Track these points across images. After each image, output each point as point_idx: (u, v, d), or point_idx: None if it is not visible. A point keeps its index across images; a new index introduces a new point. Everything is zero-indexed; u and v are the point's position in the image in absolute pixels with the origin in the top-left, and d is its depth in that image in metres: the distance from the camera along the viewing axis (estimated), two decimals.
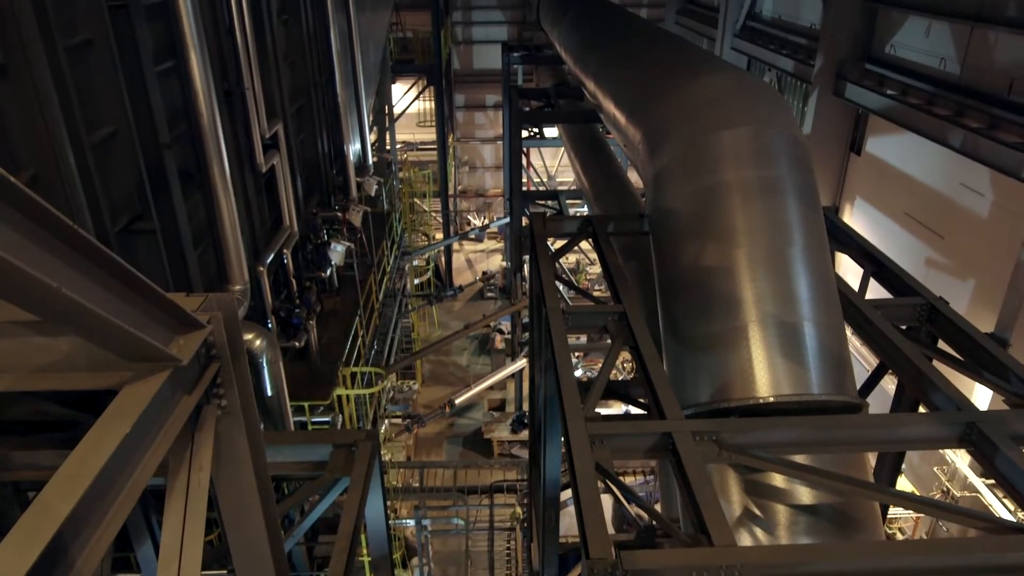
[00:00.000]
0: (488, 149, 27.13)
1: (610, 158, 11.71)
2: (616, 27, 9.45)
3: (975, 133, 9.04)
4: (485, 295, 24.27)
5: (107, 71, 5.07)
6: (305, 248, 9.80)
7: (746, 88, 4.95)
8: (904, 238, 11.40)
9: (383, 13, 15.59)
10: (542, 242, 5.56)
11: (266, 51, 8.29)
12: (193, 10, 5.35)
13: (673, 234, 4.50)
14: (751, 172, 4.35)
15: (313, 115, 10.49)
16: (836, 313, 4.07)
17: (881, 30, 12.03)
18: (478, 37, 25.01)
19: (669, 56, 6.30)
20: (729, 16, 17.85)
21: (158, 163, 5.66)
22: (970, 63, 9.80)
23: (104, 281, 1.88)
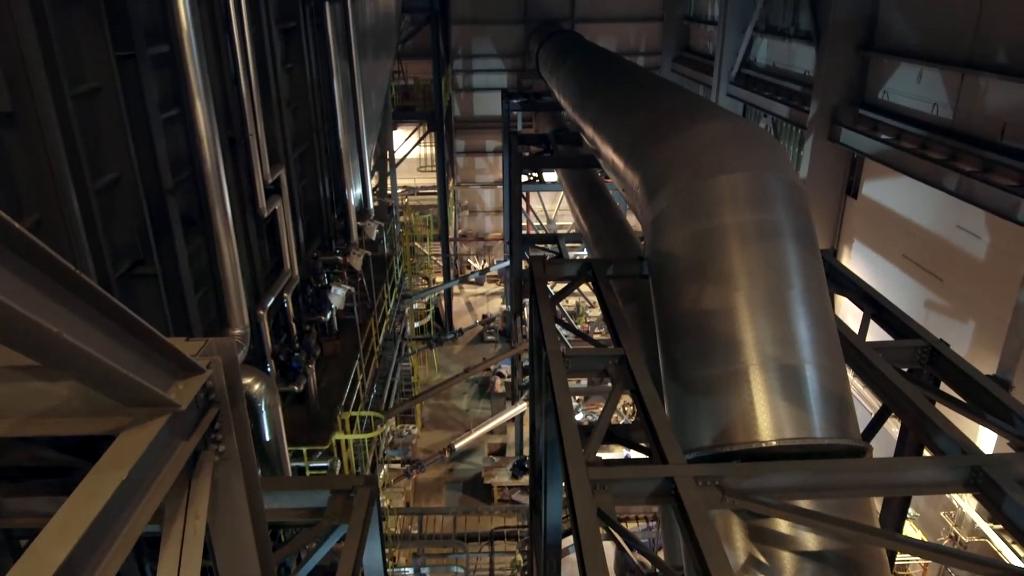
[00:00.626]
0: (488, 193, 27.38)
1: (609, 202, 11.81)
2: (614, 74, 9.64)
3: (969, 176, 9.15)
4: (485, 338, 24.22)
5: (113, 118, 5.15)
6: (306, 292, 9.82)
7: (742, 133, 5.03)
8: (903, 280, 11.43)
9: (385, 61, 15.92)
10: (542, 285, 5.58)
11: (270, 98, 8.44)
12: (199, 59, 5.46)
13: (672, 277, 4.52)
14: (749, 216, 4.39)
15: (315, 160, 10.62)
16: (837, 355, 4.06)
17: (874, 77, 12.26)
18: (478, 84, 25.47)
19: (666, 102, 6.41)
20: (724, 64, 18.21)
21: (161, 208, 5.71)
22: (962, 108, 9.97)
23: (105, 326, 1.88)
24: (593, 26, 23.85)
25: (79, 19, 4.83)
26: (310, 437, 8.31)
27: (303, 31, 9.81)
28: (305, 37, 9.91)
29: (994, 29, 9.42)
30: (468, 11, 24.24)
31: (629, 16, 24.47)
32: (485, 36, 24.75)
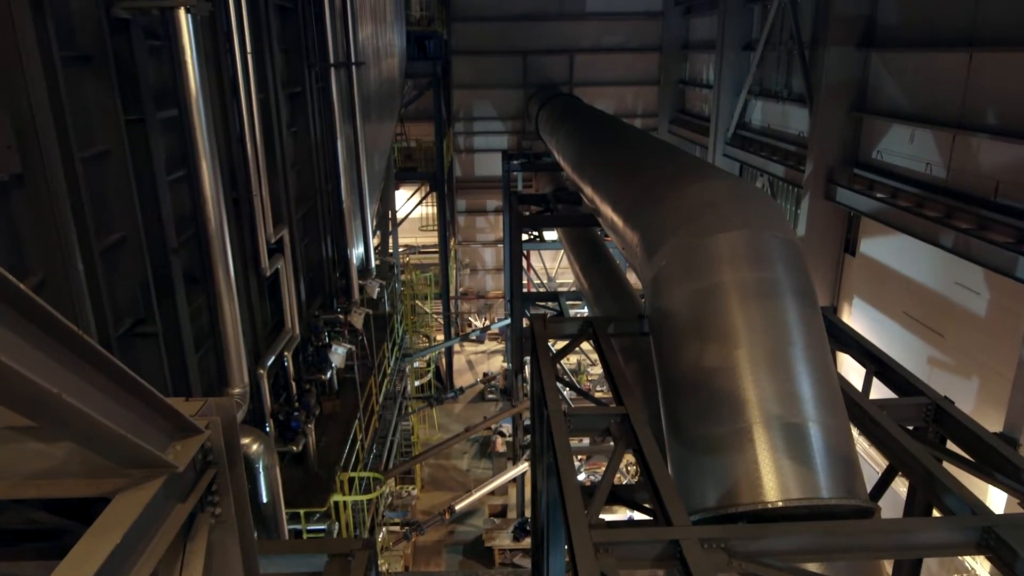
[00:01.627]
0: (489, 252, 27.58)
1: (609, 260, 11.89)
2: (612, 135, 9.83)
3: (966, 234, 9.23)
4: (486, 397, 24.02)
5: (121, 180, 5.24)
6: (306, 350, 9.80)
7: (739, 192, 5.10)
8: (905, 337, 11.40)
9: (388, 124, 16.27)
10: (543, 343, 5.57)
11: (275, 159, 8.60)
12: (206, 123, 5.58)
13: (673, 335, 4.52)
14: (748, 274, 4.42)
15: (318, 220, 10.75)
16: (841, 413, 4.03)
17: (867, 137, 12.50)
18: (479, 146, 25.97)
19: (664, 162, 6.53)
20: (720, 125, 18.59)
21: (164, 267, 5.76)
22: (955, 167, 10.13)
23: (104, 386, 1.88)
24: (591, 89, 24.47)
25: (91, 83, 4.97)
26: (308, 499, 8.16)
27: (308, 95, 10.07)
28: (310, 101, 10.16)
29: (982, 91, 9.65)
30: (469, 76, 24.90)
31: (626, 80, 25.13)
32: (486, 99, 25.36)
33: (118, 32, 5.15)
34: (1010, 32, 9.13)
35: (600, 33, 24.65)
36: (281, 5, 9.10)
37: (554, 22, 24.43)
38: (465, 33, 24.40)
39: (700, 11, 22.53)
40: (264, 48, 8.24)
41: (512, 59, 24.76)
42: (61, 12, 4.62)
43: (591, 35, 24.65)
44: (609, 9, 24.39)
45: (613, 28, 24.57)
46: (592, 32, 24.62)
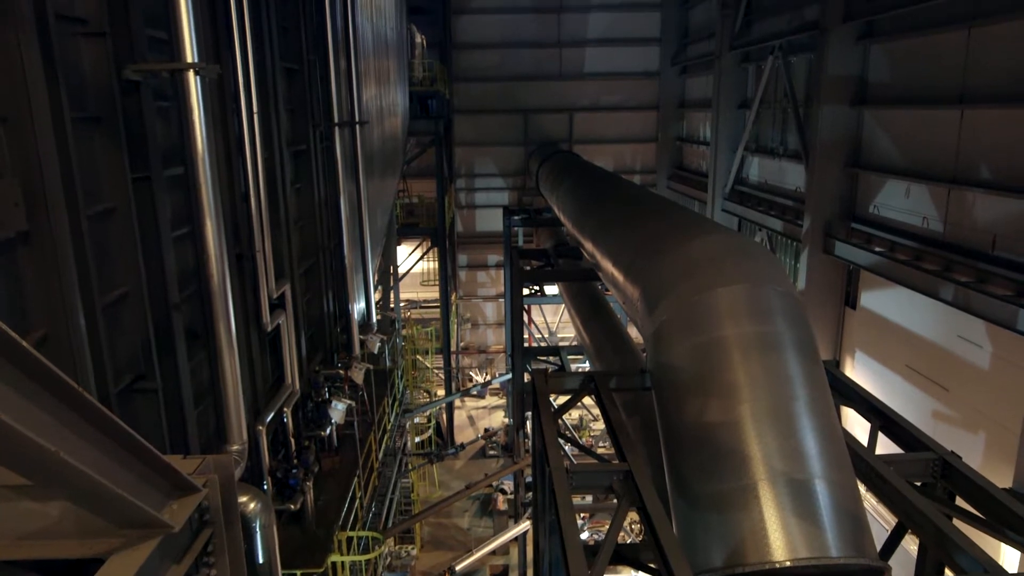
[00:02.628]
0: (490, 306, 27.62)
1: (610, 314, 11.90)
2: (611, 191, 9.96)
3: (965, 287, 9.25)
4: (487, 453, 23.71)
5: (126, 236, 5.29)
6: (306, 406, 9.72)
7: (739, 247, 5.15)
8: (908, 391, 11.32)
9: (391, 181, 16.51)
10: (544, 399, 5.53)
11: (278, 216, 8.69)
12: (212, 181, 5.67)
13: (675, 389, 4.49)
14: (749, 328, 4.42)
15: (320, 276, 10.80)
16: (847, 469, 3.97)
17: (863, 192, 12.66)
18: (480, 202, 26.29)
19: (663, 218, 6.60)
20: (718, 181, 18.85)
21: (166, 323, 5.76)
22: (951, 221, 10.23)
23: (103, 444, 1.86)
24: (590, 147, 24.91)
25: (99, 143, 5.07)
26: (305, 559, 7.97)
27: (313, 153, 10.24)
28: (314, 159, 10.33)
29: (974, 146, 9.82)
30: (471, 134, 25.39)
31: (625, 138, 25.60)
32: (487, 157, 25.79)
33: (128, 93, 5.27)
34: (1000, 89, 9.34)
35: (598, 92, 25.24)
36: (288, 67, 9.34)
37: (554, 82, 25.04)
38: (467, 93, 24.98)
39: (696, 71, 23.10)
40: (270, 108, 8.42)
41: (513, 117, 25.29)
42: (73, 75, 4.75)
43: (590, 94, 25.24)
44: (607, 70, 25.04)
45: (611, 88, 25.17)
46: (591, 92, 25.22)
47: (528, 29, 24.59)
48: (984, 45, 9.65)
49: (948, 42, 10.29)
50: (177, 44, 5.18)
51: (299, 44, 9.68)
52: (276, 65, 8.61)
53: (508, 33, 24.53)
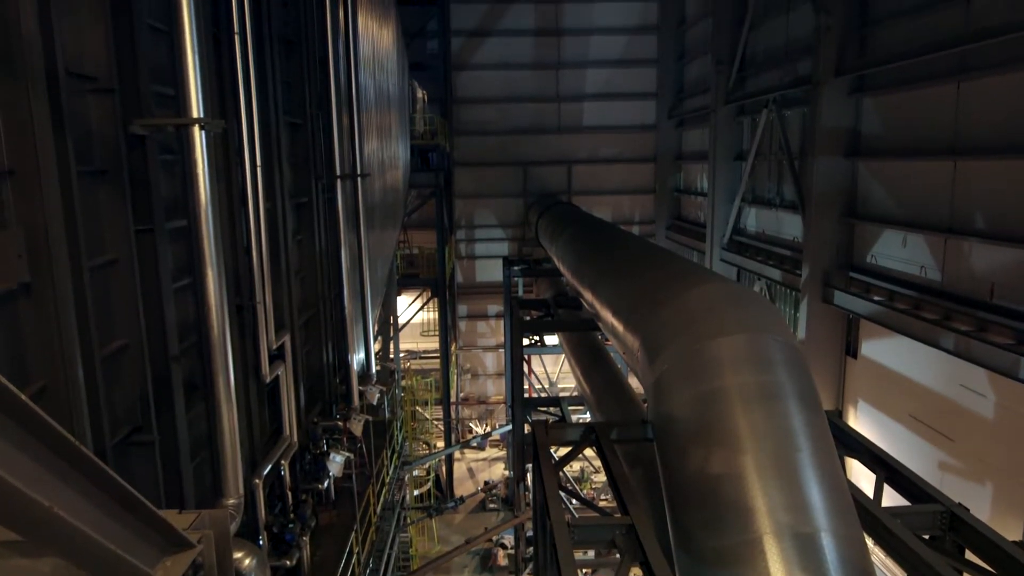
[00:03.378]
0: (490, 357, 27.53)
1: (610, 364, 11.85)
2: (610, 241, 10.04)
3: (966, 336, 9.24)
4: (487, 506, 23.30)
5: (126, 288, 5.31)
6: (303, 458, 9.60)
7: (738, 296, 5.16)
8: (913, 441, 11.20)
9: (392, 232, 16.65)
10: (545, 451, 5.47)
11: (279, 267, 8.73)
12: (214, 234, 5.72)
13: (677, 440, 4.45)
14: (750, 377, 4.40)
15: (320, 327, 10.79)
16: (854, 522, 3.90)
17: (860, 242, 12.75)
18: (480, 252, 26.45)
19: (662, 268, 6.64)
20: (716, 231, 19.01)
21: (164, 374, 5.74)
22: (949, 270, 10.27)
23: (98, 499, 1.84)
24: (589, 198, 25.20)
25: (104, 195, 5.12)
26: None
27: (315, 205, 10.35)
28: (316, 211, 10.44)
29: (969, 197, 9.93)
30: (471, 186, 25.72)
31: (623, 189, 25.93)
32: (487, 208, 26.06)
33: (134, 147, 5.36)
34: (991, 141, 9.50)
35: (597, 145, 25.67)
36: (291, 121, 9.51)
37: (553, 135, 25.48)
38: (467, 146, 25.40)
39: (692, 124, 23.52)
40: (273, 161, 8.55)
41: (512, 170, 25.64)
42: (81, 129, 4.84)
43: (588, 147, 25.66)
44: (605, 123, 25.51)
45: (609, 141, 25.61)
46: (589, 144, 25.64)
47: (527, 84, 25.14)
48: (973, 98, 9.85)
49: (938, 95, 10.51)
50: (183, 100, 5.29)
51: (303, 99, 9.89)
52: (280, 119, 8.77)
53: (507, 88, 25.07)
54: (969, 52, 9.70)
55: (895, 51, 11.35)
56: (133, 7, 5.20)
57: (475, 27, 24.85)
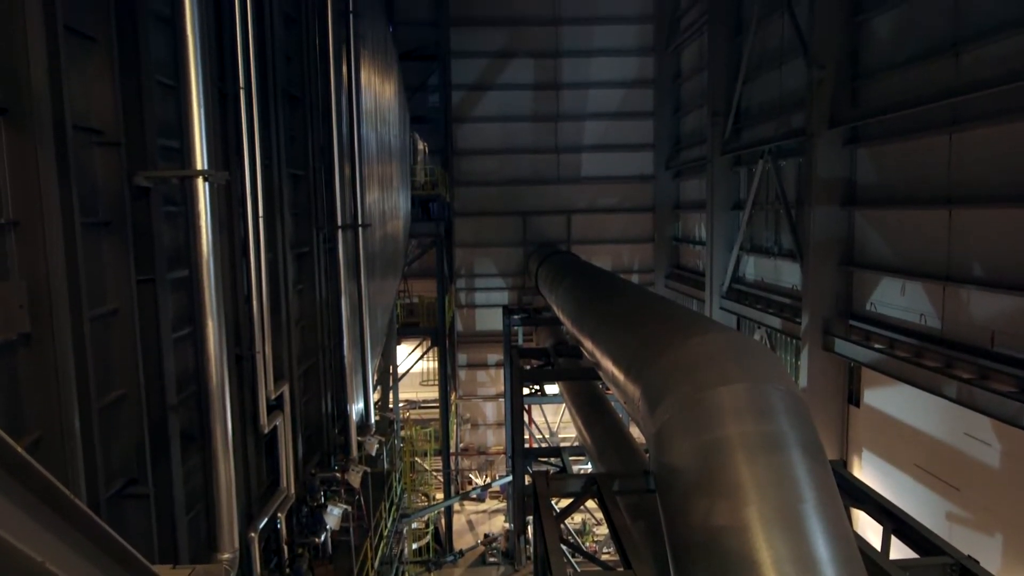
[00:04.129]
0: (490, 406, 27.32)
1: (611, 414, 11.76)
2: (610, 290, 10.06)
3: (968, 384, 9.19)
4: (487, 560, 22.78)
5: (126, 338, 5.31)
6: (300, 511, 9.43)
7: (738, 345, 5.16)
8: (919, 491, 11.03)
9: (392, 281, 16.71)
10: (546, 502, 5.39)
11: (280, 317, 8.74)
12: (215, 283, 5.74)
13: (680, 491, 4.39)
14: (752, 427, 4.37)
15: (319, 376, 10.74)
16: (861, 575, 3.83)
17: (859, 289, 12.79)
18: (480, 301, 26.50)
19: (662, 316, 6.64)
20: (715, 280, 19.08)
21: (161, 425, 5.69)
22: (949, 317, 10.28)
23: (91, 553, 1.81)
24: (588, 247, 25.37)
25: (107, 246, 5.16)
26: None
27: (316, 255, 10.42)
28: (317, 261, 10.50)
29: (964, 244, 10.00)
30: (471, 236, 25.92)
31: (622, 238, 26.13)
32: (487, 257, 26.21)
33: (138, 199, 5.42)
34: (985, 190, 9.61)
35: (595, 195, 25.96)
36: (294, 173, 9.65)
37: (552, 186, 25.80)
38: (467, 196, 25.69)
39: (689, 174, 23.84)
40: (275, 212, 8.64)
41: (512, 219, 25.88)
42: (86, 182, 4.90)
43: (587, 197, 25.95)
44: (603, 173, 25.87)
45: (608, 191, 25.92)
46: (588, 194, 25.94)
47: (526, 136, 25.57)
48: (965, 149, 10.01)
49: (931, 146, 10.68)
50: (188, 152, 5.38)
51: (306, 151, 10.05)
52: (283, 171, 8.89)
53: (507, 140, 25.49)
54: (959, 104, 9.90)
55: (887, 103, 11.58)
56: (141, 63, 5.33)
57: (475, 81, 25.40)
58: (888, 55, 11.84)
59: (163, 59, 5.71)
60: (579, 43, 25.28)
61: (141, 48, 5.33)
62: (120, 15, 5.12)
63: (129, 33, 5.22)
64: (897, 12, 11.60)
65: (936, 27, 10.54)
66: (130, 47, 5.24)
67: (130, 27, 5.23)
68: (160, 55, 5.66)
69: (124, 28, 5.16)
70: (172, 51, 5.38)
